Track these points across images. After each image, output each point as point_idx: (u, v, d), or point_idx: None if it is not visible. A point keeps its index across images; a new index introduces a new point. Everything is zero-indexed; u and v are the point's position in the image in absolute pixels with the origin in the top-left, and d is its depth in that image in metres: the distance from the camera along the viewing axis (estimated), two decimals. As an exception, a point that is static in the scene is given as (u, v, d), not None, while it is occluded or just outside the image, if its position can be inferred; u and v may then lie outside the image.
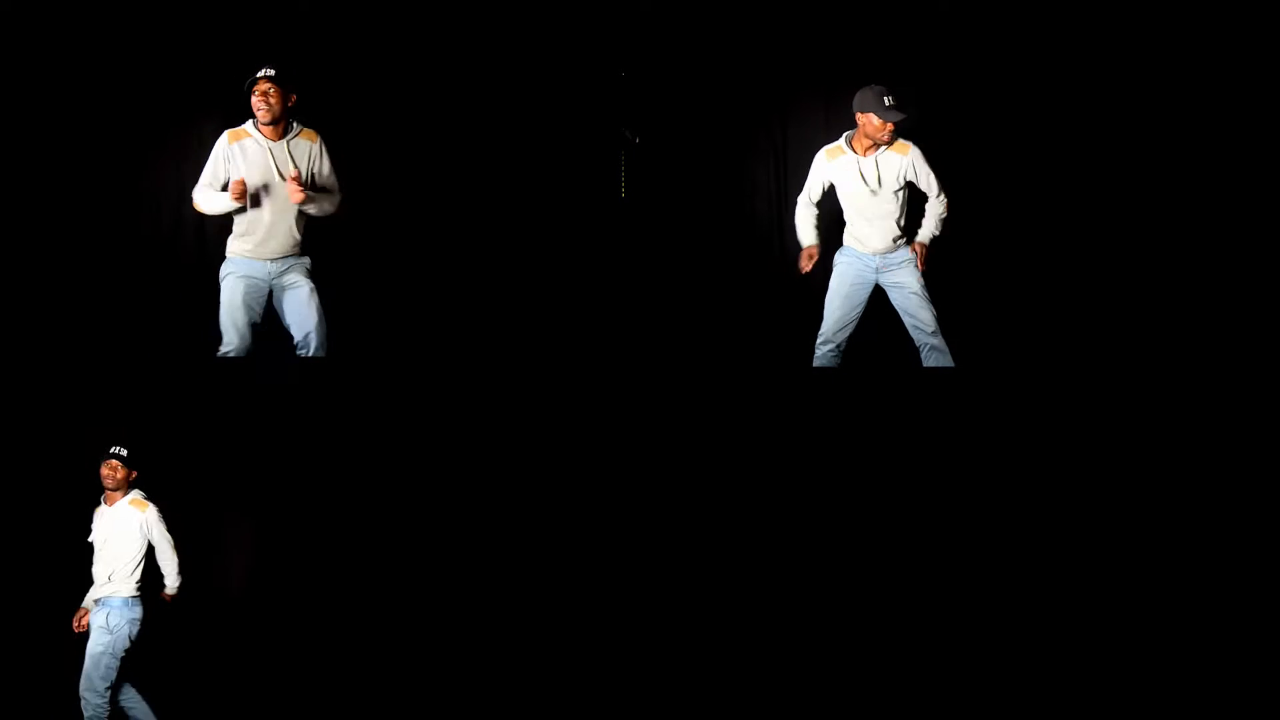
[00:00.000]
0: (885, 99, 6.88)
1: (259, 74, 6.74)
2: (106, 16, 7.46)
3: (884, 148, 6.99)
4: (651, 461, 7.23)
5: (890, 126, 6.91)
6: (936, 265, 7.12)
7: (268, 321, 7.10)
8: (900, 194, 7.04)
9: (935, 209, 7.10)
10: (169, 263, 7.48)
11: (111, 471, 6.90)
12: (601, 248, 7.59)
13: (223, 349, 6.95)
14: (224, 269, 6.97)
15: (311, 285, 6.95)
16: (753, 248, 7.68)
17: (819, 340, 7.19)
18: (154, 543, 6.91)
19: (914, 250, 7.08)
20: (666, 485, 7.23)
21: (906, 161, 7.02)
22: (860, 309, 7.16)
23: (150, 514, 6.90)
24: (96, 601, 6.88)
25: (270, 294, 6.97)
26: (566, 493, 7.26)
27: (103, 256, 7.47)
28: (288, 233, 6.90)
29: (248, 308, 6.88)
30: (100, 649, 6.80)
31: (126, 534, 6.86)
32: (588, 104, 7.59)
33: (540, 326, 7.55)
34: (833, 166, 7.09)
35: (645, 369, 7.39)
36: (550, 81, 7.59)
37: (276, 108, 6.74)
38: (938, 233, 7.11)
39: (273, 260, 6.91)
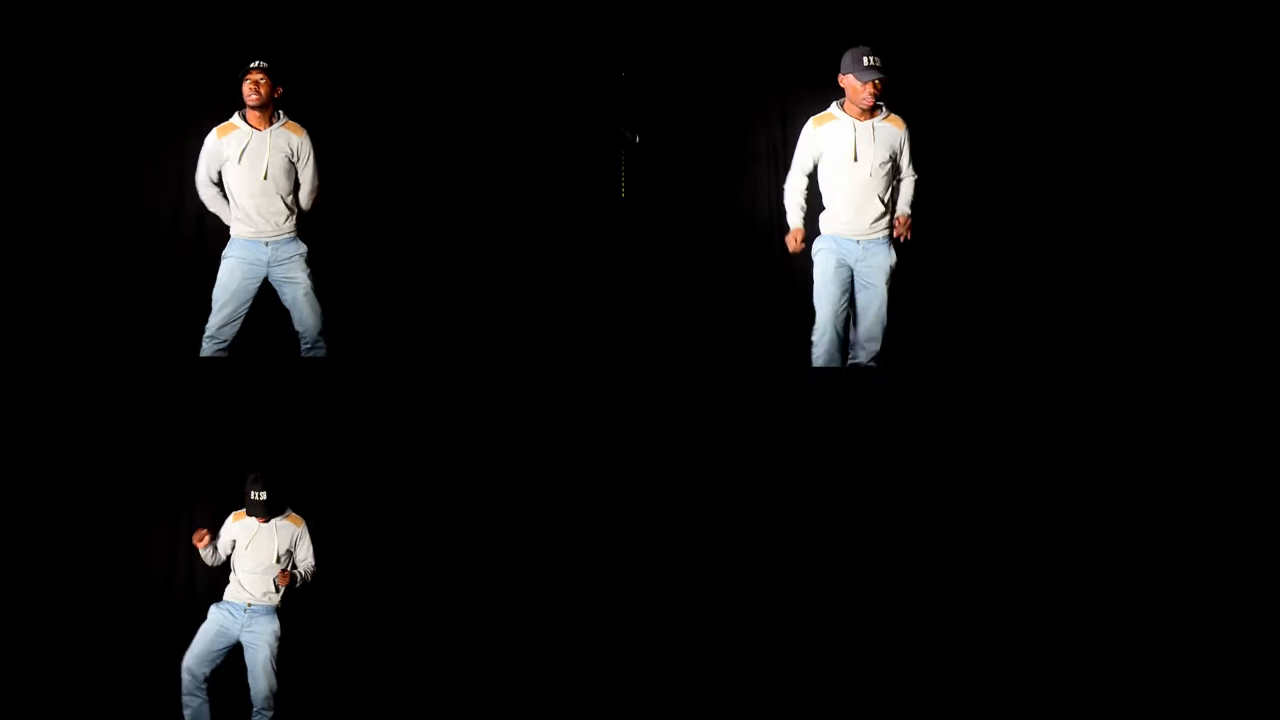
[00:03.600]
0: (865, 59, 6.77)
1: (252, 65, 7.08)
2: (105, 15, 7.48)
3: (880, 117, 6.85)
4: (651, 461, 7.25)
5: (870, 88, 6.77)
6: (937, 265, 7.11)
7: (262, 320, 7.22)
8: (887, 170, 6.90)
9: (907, 186, 6.98)
10: (168, 259, 7.51)
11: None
12: (601, 248, 7.59)
13: (208, 325, 7.12)
14: (225, 250, 7.21)
15: (309, 282, 7.17)
16: (753, 248, 7.66)
17: (815, 334, 7.07)
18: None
19: (898, 222, 6.91)
20: (666, 485, 7.25)
21: (901, 136, 6.89)
22: (850, 293, 7.03)
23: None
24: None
25: (268, 281, 7.19)
26: (566, 492, 7.28)
27: (102, 253, 7.49)
28: (278, 213, 7.16)
29: (241, 289, 7.13)
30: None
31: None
32: (588, 104, 7.59)
33: (540, 326, 7.55)
34: (820, 133, 6.94)
35: (645, 369, 7.39)
36: (550, 81, 7.58)
37: (265, 95, 7.10)
38: (909, 211, 6.98)
39: (269, 242, 7.14)
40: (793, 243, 7.07)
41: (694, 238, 7.62)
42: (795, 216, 7.10)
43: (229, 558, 7.08)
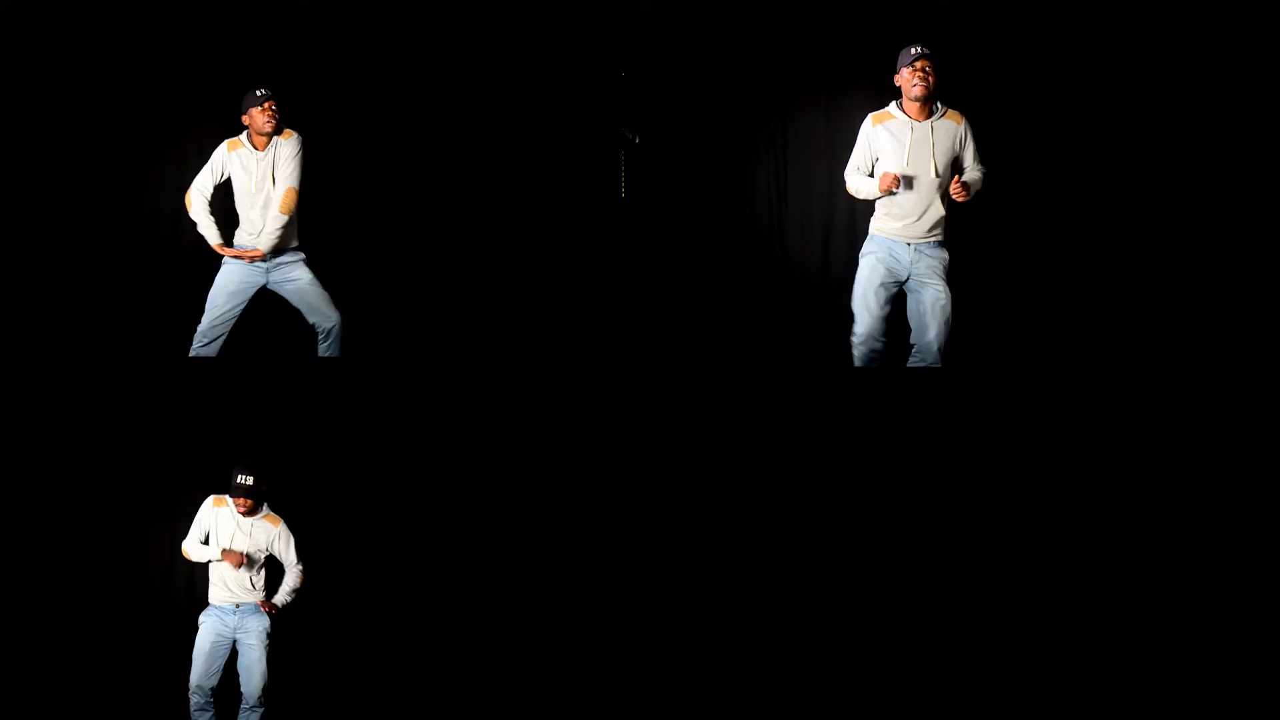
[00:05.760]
0: (912, 49, 6.76)
1: (264, 93, 7.12)
2: (107, 20, 7.48)
3: (938, 115, 6.82)
4: (650, 462, 7.25)
5: (917, 74, 6.73)
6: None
7: (258, 322, 7.26)
8: (948, 171, 6.82)
9: (972, 175, 6.87)
10: (168, 262, 7.51)
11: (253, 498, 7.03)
12: (601, 248, 7.59)
13: (200, 326, 7.18)
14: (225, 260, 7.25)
15: (311, 275, 7.22)
16: (753, 249, 7.67)
17: (855, 340, 6.99)
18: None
19: (955, 184, 6.72)
20: (665, 485, 7.25)
21: (960, 130, 6.85)
22: (891, 303, 6.92)
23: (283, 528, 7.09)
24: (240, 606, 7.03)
25: (266, 289, 7.23)
26: (565, 493, 7.28)
27: (103, 256, 7.49)
28: (281, 235, 7.19)
29: (237, 292, 7.20)
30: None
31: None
32: (588, 104, 7.59)
33: (540, 327, 7.55)
34: (879, 132, 6.87)
35: (644, 370, 7.40)
36: (550, 81, 7.59)
37: (278, 120, 7.16)
38: (972, 181, 6.84)
39: (267, 258, 7.18)
40: (886, 180, 6.77)
41: (694, 238, 7.62)
42: (872, 182, 6.88)
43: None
